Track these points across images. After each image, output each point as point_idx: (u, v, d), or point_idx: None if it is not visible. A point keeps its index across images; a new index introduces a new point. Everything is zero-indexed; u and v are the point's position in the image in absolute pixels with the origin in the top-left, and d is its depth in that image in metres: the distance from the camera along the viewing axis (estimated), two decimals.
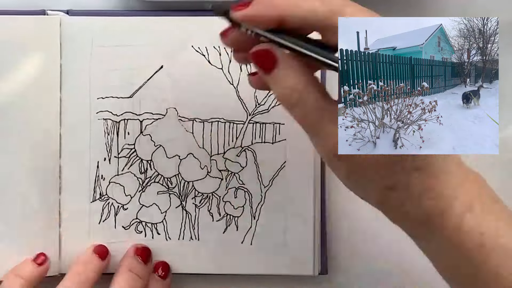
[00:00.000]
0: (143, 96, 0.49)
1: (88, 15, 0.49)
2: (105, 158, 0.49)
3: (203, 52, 0.49)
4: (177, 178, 0.49)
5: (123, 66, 0.49)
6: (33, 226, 0.48)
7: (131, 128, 0.49)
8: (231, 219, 0.50)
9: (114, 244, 0.49)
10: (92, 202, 0.49)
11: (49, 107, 0.48)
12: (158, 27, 0.49)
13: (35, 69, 0.48)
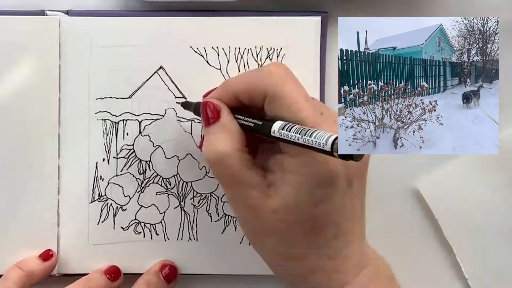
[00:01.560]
0: (142, 97, 0.49)
1: (88, 15, 0.49)
2: (104, 159, 0.49)
3: (202, 53, 0.49)
4: (176, 178, 0.49)
5: (122, 66, 0.49)
6: (31, 227, 0.48)
7: (130, 128, 0.49)
8: (230, 219, 0.50)
9: (113, 245, 0.49)
10: (91, 203, 0.49)
11: (48, 108, 0.48)
12: (157, 28, 0.48)
13: (34, 69, 0.48)
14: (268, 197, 0.39)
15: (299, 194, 0.38)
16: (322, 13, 0.49)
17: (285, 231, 0.39)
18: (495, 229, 0.51)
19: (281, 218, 0.39)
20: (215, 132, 0.40)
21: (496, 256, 0.51)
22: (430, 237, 0.51)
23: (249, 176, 0.39)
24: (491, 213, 0.51)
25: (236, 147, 0.39)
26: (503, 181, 0.51)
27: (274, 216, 0.39)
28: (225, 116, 0.40)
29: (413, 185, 0.51)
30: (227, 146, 0.39)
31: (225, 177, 0.40)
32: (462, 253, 0.51)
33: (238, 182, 0.39)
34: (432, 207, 0.51)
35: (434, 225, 0.51)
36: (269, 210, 0.39)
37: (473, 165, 0.51)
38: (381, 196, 0.51)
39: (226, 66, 0.49)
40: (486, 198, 0.51)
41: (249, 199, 0.39)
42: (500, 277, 0.51)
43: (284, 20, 0.49)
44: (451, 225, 0.51)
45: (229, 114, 0.41)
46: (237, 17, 0.49)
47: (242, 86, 0.40)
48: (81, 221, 0.49)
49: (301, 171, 0.38)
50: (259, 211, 0.39)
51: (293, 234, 0.39)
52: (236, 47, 0.49)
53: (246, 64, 0.49)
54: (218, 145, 0.39)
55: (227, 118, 0.40)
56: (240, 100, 0.41)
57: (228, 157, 0.39)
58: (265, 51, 0.49)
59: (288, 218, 0.39)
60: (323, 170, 0.37)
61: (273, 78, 0.39)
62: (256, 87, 0.39)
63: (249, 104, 0.41)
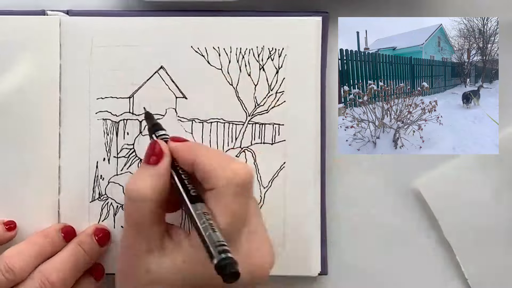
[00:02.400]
0: (143, 97, 0.49)
1: (88, 15, 0.49)
2: (104, 158, 0.49)
3: (203, 53, 0.49)
4: None
5: (122, 66, 0.49)
6: (31, 226, 0.48)
7: (130, 128, 0.49)
8: None
9: (113, 244, 0.49)
10: (91, 202, 0.49)
11: (49, 107, 0.48)
12: (158, 28, 0.49)
13: (34, 69, 0.48)
14: (151, 256, 0.40)
15: (174, 278, 0.39)
16: (323, 13, 0.49)
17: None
18: (495, 229, 0.51)
19: (148, 282, 0.40)
20: (147, 173, 0.40)
21: (496, 256, 0.51)
22: (430, 237, 0.51)
23: (150, 229, 0.40)
24: (491, 213, 0.51)
25: (158, 197, 0.40)
26: (503, 181, 0.51)
27: (144, 275, 0.40)
28: (164, 165, 0.41)
29: (413, 185, 0.51)
30: (150, 191, 0.39)
31: (131, 218, 0.40)
32: (462, 253, 0.51)
33: (139, 228, 0.40)
34: (432, 207, 0.51)
35: (434, 225, 0.51)
36: (143, 268, 0.40)
37: (473, 165, 0.51)
38: (381, 196, 0.51)
39: (227, 66, 0.49)
40: (486, 198, 0.51)
41: (137, 246, 0.40)
42: (500, 277, 0.51)
43: (285, 20, 0.49)
44: (451, 225, 0.51)
45: (169, 166, 0.41)
46: (238, 17, 0.49)
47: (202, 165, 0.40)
48: (81, 220, 0.49)
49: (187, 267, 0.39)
50: (137, 263, 0.40)
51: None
52: (237, 47, 0.49)
53: (247, 64, 0.49)
54: (144, 186, 0.40)
55: (164, 168, 0.41)
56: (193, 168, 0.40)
57: (146, 201, 0.39)
58: (267, 51, 0.49)
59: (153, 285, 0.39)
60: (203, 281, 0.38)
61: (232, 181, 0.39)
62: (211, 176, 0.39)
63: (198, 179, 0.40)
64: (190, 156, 0.41)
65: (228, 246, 0.36)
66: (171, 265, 0.39)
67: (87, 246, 0.47)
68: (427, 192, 0.51)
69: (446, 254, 0.51)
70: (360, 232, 0.51)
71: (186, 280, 0.39)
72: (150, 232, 0.40)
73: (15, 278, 0.44)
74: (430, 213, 0.51)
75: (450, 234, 0.51)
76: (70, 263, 0.46)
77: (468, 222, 0.51)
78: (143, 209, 0.39)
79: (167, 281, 0.39)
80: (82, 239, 0.47)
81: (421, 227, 0.51)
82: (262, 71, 0.49)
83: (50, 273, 0.45)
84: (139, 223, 0.40)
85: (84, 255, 0.47)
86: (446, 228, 0.51)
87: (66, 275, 0.45)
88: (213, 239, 0.36)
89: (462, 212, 0.51)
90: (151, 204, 0.40)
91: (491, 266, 0.51)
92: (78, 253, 0.47)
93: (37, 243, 0.46)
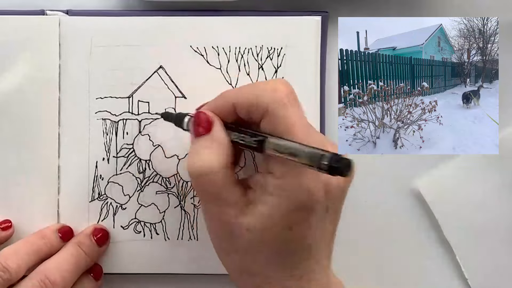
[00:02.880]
0: (142, 96, 0.49)
1: (87, 15, 0.49)
2: (104, 158, 0.49)
3: (202, 52, 0.49)
4: (176, 178, 0.49)
5: (122, 66, 0.49)
6: (31, 226, 0.48)
7: (129, 128, 0.49)
8: None
9: (113, 244, 0.49)
10: (90, 202, 0.49)
11: (48, 107, 0.48)
12: (157, 27, 0.48)
13: (33, 69, 0.48)
14: (244, 215, 0.38)
15: (275, 215, 0.37)
16: (322, 13, 0.49)
17: (255, 250, 0.39)
18: (495, 229, 0.51)
19: (254, 238, 0.38)
20: (204, 145, 0.39)
21: (496, 256, 0.51)
22: (430, 237, 0.51)
23: (230, 194, 0.39)
24: (491, 213, 0.51)
25: (223, 163, 0.39)
26: (503, 181, 0.51)
27: (247, 234, 0.38)
28: (217, 129, 0.40)
29: (413, 185, 0.51)
30: (213, 162, 0.38)
31: (206, 193, 0.39)
32: (462, 253, 0.51)
33: (217, 199, 0.39)
34: (432, 207, 0.51)
35: (434, 225, 0.51)
36: (243, 228, 0.38)
37: (473, 165, 0.51)
38: (381, 196, 0.51)
39: (227, 66, 0.49)
40: (486, 198, 0.51)
41: (224, 216, 0.39)
42: (500, 277, 0.51)
43: (285, 20, 0.49)
44: (451, 225, 0.51)
45: (222, 127, 0.40)
46: (237, 17, 0.49)
47: (243, 99, 0.39)
48: (81, 220, 0.49)
49: (281, 193, 0.37)
50: (233, 228, 0.39)
51: (264, 253, 0.39)
52: (236, 47, 0.49)
53: (246, 64, 0.49)
54: (205, 160, 0.38)
55: (218, 132, 0.39)
56: (237, 113, 0.40)
57: (213, 173, 0.38)
58: (266, 51, 0.49)
59: (260, 238, 0.38)
60: (303, 196, 0.37)
61: (277, 97, 0.38)
62: (257, 102, 0.38)
63: (244, 118, 0.40)
64: (228, 102, 0.40)
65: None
66: (268, 208, 0.38)
67: (86, 246, 0.47)
68: (427, 192, 0.51)
69: (446, 254, 0.51)
70: (360, 232, 0.51)
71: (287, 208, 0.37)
72: (231, 196, 0.39)
73: (11, 277, 0.44)
74: (430, 213, 0.51)
75: (450, 234, 0.51)
76: (70, 263, 0.46)
77: (468, 222, 0.51)
78: (216, 181, 0.38)
79: (273, 221, 0.38)
80: (81, 239, 0.47)
81: (421, 227, 0.51)
82: (261, 70, 0.49)
83: (50, 273, 0.45)
84: (216, 196, 0.39)
85: (85, 256, 0.47)
86: (446, 228, 0.51)
87: (66, 274, 0.45)
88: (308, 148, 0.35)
89: (462, 212, 0.51)
90: (221, 174, 0.38)
91: (491, 266, 0.51)
92: (78, 253, 0.46)
93: (34, 243, 0.46)
